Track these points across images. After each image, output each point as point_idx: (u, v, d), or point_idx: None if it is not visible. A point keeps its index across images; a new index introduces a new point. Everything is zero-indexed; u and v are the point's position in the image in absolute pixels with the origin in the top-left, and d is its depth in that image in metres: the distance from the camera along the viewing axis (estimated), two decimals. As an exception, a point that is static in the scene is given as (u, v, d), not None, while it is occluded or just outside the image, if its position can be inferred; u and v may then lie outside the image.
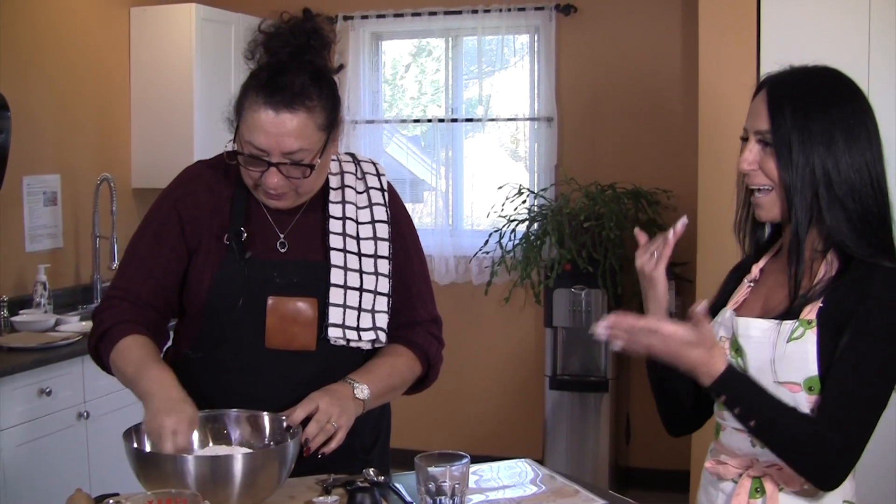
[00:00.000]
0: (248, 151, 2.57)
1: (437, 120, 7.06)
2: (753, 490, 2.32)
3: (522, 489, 2.65)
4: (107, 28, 6.19)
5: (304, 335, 2.69)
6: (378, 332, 2.74)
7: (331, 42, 2.68)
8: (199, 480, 2.22)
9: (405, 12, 6.92)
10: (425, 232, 7.01)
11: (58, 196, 5.75)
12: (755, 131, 2.31)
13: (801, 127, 2.24)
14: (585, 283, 6.18)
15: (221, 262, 2.70)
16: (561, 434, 6.40)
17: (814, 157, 2.23)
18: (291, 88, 2.53)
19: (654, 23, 6.56)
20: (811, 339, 2.22)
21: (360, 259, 2.76)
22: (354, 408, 2.63)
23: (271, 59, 2.58)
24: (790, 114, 2.26)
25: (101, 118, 6.16)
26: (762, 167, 2.30)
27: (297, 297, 2.69)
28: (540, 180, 6.78)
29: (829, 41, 4.89)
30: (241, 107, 2.60)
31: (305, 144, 2.56)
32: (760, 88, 2.37)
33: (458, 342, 6.95)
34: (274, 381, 2.69)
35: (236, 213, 2.73)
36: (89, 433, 4.76)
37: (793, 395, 2.24)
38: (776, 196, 2.31)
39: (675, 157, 6.44)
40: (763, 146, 2.30)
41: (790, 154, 2.25)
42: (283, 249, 2.74)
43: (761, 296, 2.44)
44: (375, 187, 2.89)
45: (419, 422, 7.04)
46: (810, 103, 2.27)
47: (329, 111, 2.62)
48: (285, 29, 2.60)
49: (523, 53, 6.96)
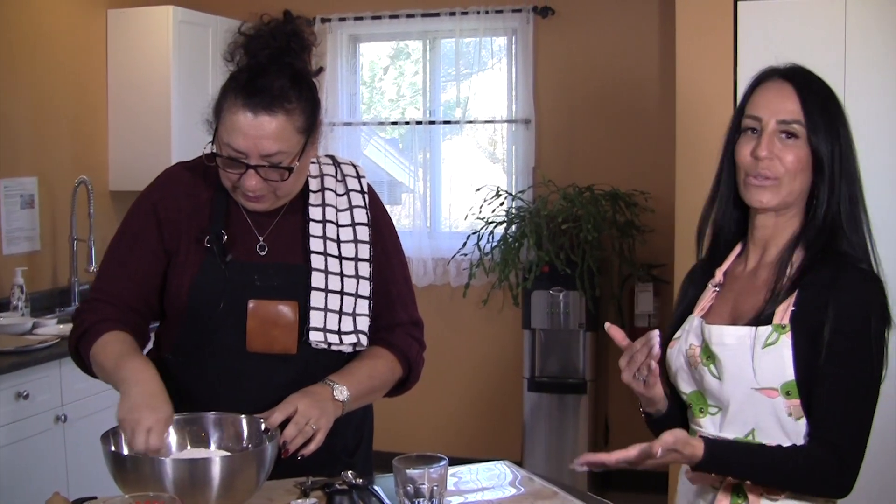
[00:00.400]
0: (226, 153, 2.56)
1: (415, 122, 7.07)
2: (735, 497, 2.33)
3: (501, 491, 2.65)
4: (84, 30, 6.17)
5: (285, 338, 2.68)
6: (359, 336, 2.74)
7: (311, 45, 2.68)
8: (177, 483, 2.21)
9: (383, 14, 6.93)
10: (403, 234, 6.94)
11: (35, 199, 5.73)
12: (780, 120, 2.32)
13: (828, 121, 2.31)
14: (563, 285, 6.20)
15: (201, 265, 2.68)
16: (539, 436, 6.41)
17: (835, 151, 2.31)
18: (270, 91, 2.52)
19: (631, 25, 6.58)
20: (786, 344, 2.23)
21: (340, 262, 2.75)
22: (334, 409, 2.63)
23: (251, 60, 2.57)
24: (821, 106, 2.32)
25: (78, 121, 6.14)
26: (779, 156, 2.32)
27: (278, 301, 2.68)
28: (518, 182, 6.79)
29: (806, 46, 4.91)
30: (219, 108, 2.59)
31: (284, 147, 2.55)
32: (765, 79, 2.40)
33: (437, 344, 6.92)
34: (255, 384, 2.68)
35: (216, 215, 2.72)
36: (67, 436, 4.74)
37: (770, 400, 2.25)
38: (785, 185, 2.33)
39: (652, 159, 6.46)
40: (786, 136, 2.32)
41: (819, 146, 2.30)
42: (263, 252, 2.73)
43: (729, 301, 2.44)
44: (356, 189, 2.88)
45: (397, 424, 7.03)
46: (832, 98, 2.36)
47: (308, 114, 2.61)
48: (265, 31, 2.59)
49: (501, 55, 6.97)
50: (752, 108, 2.38)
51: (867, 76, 4.90)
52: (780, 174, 2.32)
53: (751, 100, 2.40)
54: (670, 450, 2.15)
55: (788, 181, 2.31)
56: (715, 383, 2.33)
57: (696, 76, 5.20)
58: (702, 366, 2.37)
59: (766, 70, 2.42)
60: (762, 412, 2.27)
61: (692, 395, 2.43)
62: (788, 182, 2.31)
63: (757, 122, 2.36)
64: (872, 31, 4.91)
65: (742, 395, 2.29)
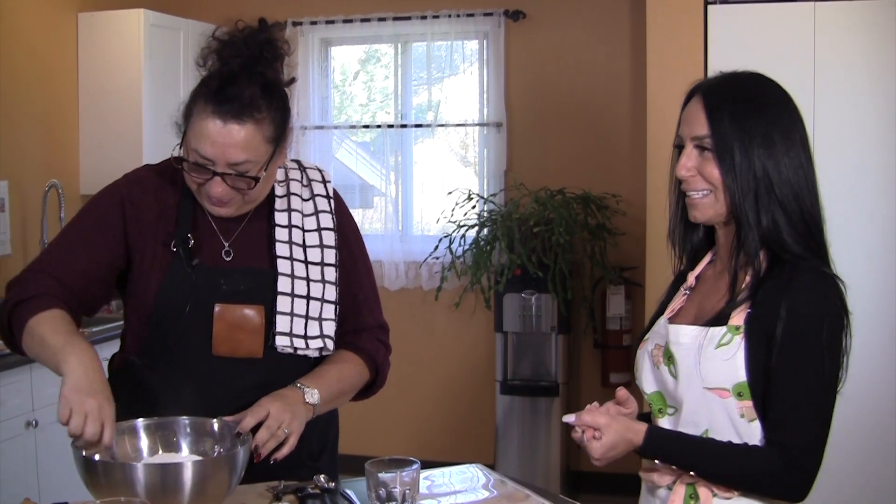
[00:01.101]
0: (193, 159, 2.55)
1: (387, 126, 7.06)
2: (688, 497, 2.33)
3: (474, 494, 2.66)
4: (54, 33, 6.15)
5: (251, 343, 2.68)
6: (325, 340, 2.74)
7: (284, 54, 2.66)
8: (148, 488, 2.20)
9: (354, 18, 6.93)
10: (375, 237, 7.02)
11: (5, 203, 5.70)
12: (692, 137, 2.33)
13: (742, 129, 2.27)
14: (535, 288, 6.20)
15: (168, 269, 2.67)
16: (512, 439, 6.42)
17: (755, 159, 2.25)
18: (241, 99, 2.51)
19: (602, 29, 6.59)
20: (739, 345, 2.24)
21: (306, 267, 2.76)
22: (305, 413, 2.63)
23: (223, 68, 2.55)
24: (728, 118, 2.28)
25: (48, 124, 6.11)
26: (701, 172, 2.32)
27: (244, 305, 2.68)
28: (489, 185, 6.79)
29: (776, 49, 4.95)
30: (189, 113, 2.58)
31: (251, 156, 2.54)
32: (692, 95, 2.39)
33: (409, 348, 6.96)
34: (220, 388, 2.68)
35: (182, 220, 2.71)
36: (38, 442, 4.71)
37: (722, 401, 2.26)
38: (714, 198, 2.32)
39: (623, 162, 6.48)
40: (701, 151, 2.31)
41: (732, 158, 2.26)
42: (229, 258, 2.73)
43: (696, 303, 2.45)
44: (321, 194, 2.88)
45: (370, 427, 7.03)
46: (748, 107, 2.29)
47: (278, 123, 2.60)
48: (239, 38, 2.58)
49: (473, 59, 6.96)
50: (679, 126, 2.40)
51: (836, 79, 4.94)
52: (706, 188, 2.32)
53: (680, 119, 2.41)
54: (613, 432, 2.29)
55: (719, 194, 2.31)
56: (672, 383, 2.35)
57: (667, 79, 5.21)
58: (663, 365, 2.38)
59: (691, 86, 2.42)
60: (715, 413, 2.28)
61: (653, 396, 2.44)
62: (720, 195, 2.31)
63: (679, 140, 2.38)
64: (841, 35, 4.95)
65: (695, 394, 2.29)
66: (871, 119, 4.92)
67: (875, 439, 4.92)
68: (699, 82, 2.41)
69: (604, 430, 2.30)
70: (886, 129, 4.90)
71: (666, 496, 2.39)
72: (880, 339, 4.91)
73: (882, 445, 4.92)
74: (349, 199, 3.02)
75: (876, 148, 4.93)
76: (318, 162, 6.99)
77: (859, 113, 4.93)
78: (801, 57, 4.94)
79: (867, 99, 4.93)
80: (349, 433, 7.19)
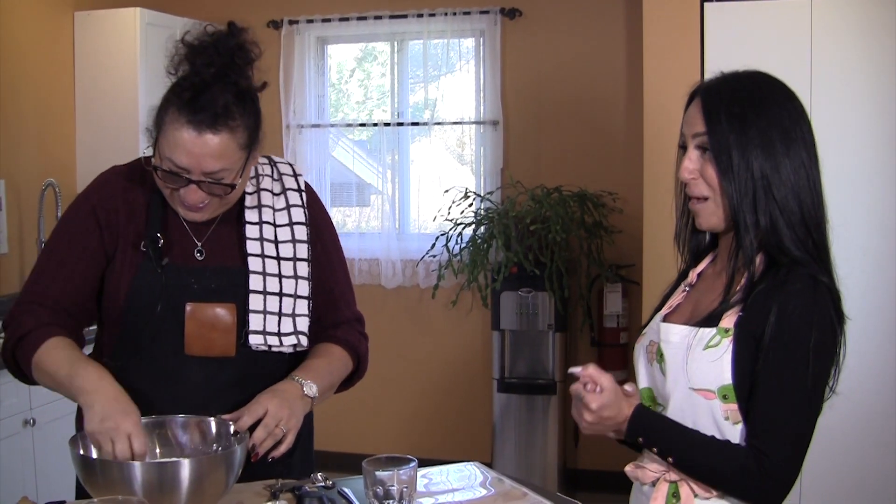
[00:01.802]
0: (167, 167, 2.55)
1: (384, 124, 7.05)
2: (671, 495, 2.33)
3: (471, 492, 2.66)
4: (50, 32, 6.14)
5: (224, 341, 2.68)
6: (299, 336, 2.74)
7: (255, 59, 2.64)
8: (145, 487, 2.21)
9: (351, 16, 6.92)
10: (372, 236, 7.03)
11: (2, 202, 5.70)
12: (693, 135, 2.31)
13: (738, 131, 2.24)
14: (532, 286, 6.20)
15: (138, 269, 2.67)
16: (509, 437, 6.42)
17: (752, 161, 2.23)
18: (214, 108, 2.50)
19: (598, 27, 6.59)
20: (727, 348, 2.22)
21: (278, 263, 2.76)
22: (303, 407, 2.64)
23: (195, 77, 2.53)
24: (726, 118, 2.26)
25: (45, 123, 6.11)
26: (703, 175, 2.30)
27: (216, 304, 2.68)
28: (486, 184, 6.80)
29: (772, 47, 4.95)
30: (161, 121, 2.56)
31: (227, 164, 2.54)
32: (693, 97, 2.37)
33: (406, 346, 6.96)
34: (194, 387, 2.68)
35: (153, 220, 2.71)
36: (35, 440, 4.71)
37: (707, 402, 2.25)
38: (714, 204, 2.31)
39: (620, 160, 6.48)
40: (702, 152, 2.30)
41: (730, 159, 2.24)
42: (201, 257, 2.72)
43: (692, 301, 2.44)
44: (293, 188, 2.88)
45: (367, 426, 7.04)
46: (745, 107, 2.27)
47: (251, 130, 2.60)
48: (209, 43, 2.55)
49: (469, 57, 6.96)
50: (682, 126, 2.39)
51: (833, 77, 4.94)
52: (707, 193, 2.31)
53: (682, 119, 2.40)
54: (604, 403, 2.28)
55: (719, 199, 2.30)
56: (661, 380, 2.35)
57: (664, 77, 5.21)
58: (655, 362, 2.38)
59: (694, 86, 2.40)
60: (700, 413, 2.27)
61: (644, 391, 2.44)
62: (720, 199, 2.30)
63: (682, 140, 2.37)
64: (838, 33, 4.95)
65: (680, 394, 2.29)
66: (869, 116, 4.92)
67: (874, 439, 4.91)
68: (700, 83, 2.39)
69: (605, 388, 2.28)
70: (884, 126, 4.90)
71: (650, 492, 2.39)
72: (878, 339, 4.91)
73: (881, 445, 4.92)
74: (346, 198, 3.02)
75: (873, 146, 4.93)
76: (314, 160, 7.01)
77: (856, 110, 4.92)
78: (797, 54, 4.94)
79: (864, 96, 4.93)
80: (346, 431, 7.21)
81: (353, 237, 7.11)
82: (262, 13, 7.00)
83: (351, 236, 7.13)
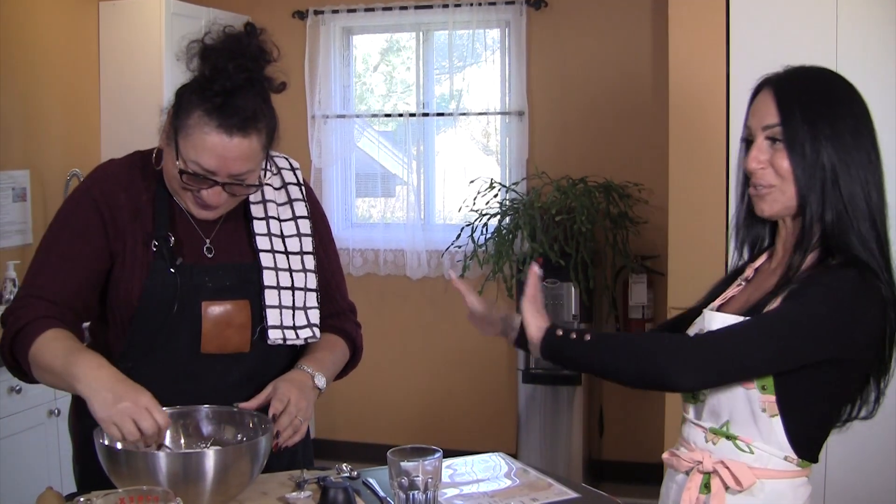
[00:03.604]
0: (191, 169, 2.54)
1: (409, 114, 7.05)
2: (703, 486, 2.33)
3: (496, 483, 2.66)
4: (76, 23, 6.16)
5: (239, 338, 2.69)
6: (313, 329, 2.77)
7: (275, 61, 2.64)
8: (170, 477, 2.21)
9: (376, 7, 6.91)
10: (397, 226, 7.04)
11: (27, 192, 5.72)
12: (764, 127, 2.31)
13: (811, 121, 2.25)
14: (557, 277, 6.19)
15: (150, 269, 2.64)
16: (534, 428, 6.41)
17: (823, 152, 2.24)
18: (245, 112, 2.50)
19: (624, 17, 6.57)
20: None
21: (287, 257, 2.78)
22: (314, 397, 2.69)
23: (226, 82, 2.52)
24: (799, 110, 2.27)
25: (70, 113, 6.13)
26: (772, 164, 2.30)
27: (230, 301, 2.69)
28: (511, 174, 6.79)
29: (798, 38, 4.91)
30: (183, 123, 2.55)
31: (252, 166, 2.56)
32: (760, 88, 2.37)
33: (431, 336, 6.96)
34: (208, 384, 2.68)
35: (160, 217, 2.69)
36: (60, 431, 4.73)
37: (746, 391, 2.25)
38: (780, 192, 2.30)
39: (645, 151, 6.46)
40: (772, 143, 2.30)
41: (803, 148, 2.25)
42: (211, 255, 2.72)
43: (746, 294, 2.44)
44: (293, 182, 2.90)
45: (392, 416, 7.04)
46: (818, 99, 2.29)
47: (271, 130, 2.62)
48: (234, 48, 2.55)
49: (494, 48, 6.94)
50: (748, 119, 2.38)
51: (858, 67, 4.89)
52: (775, 182, 2.30)
53: (749, 112, 2.40)
54: None
55: (787, 187, 2.29)
56: None
57: (689, 67, 5.19)
58: None
59: (760, 80, 2.41)
60: (738, 404, 2.27)
61: None
62: (787, 188, 2.29)
63: (749, 133, 2.37)
64: (864, 22, 4.91)
65: None
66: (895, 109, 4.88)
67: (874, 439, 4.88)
68: (768, 76, 2.39)
69: None
70: (910, 118, 4.86)
71: (683, 481, 2.38)
72: None
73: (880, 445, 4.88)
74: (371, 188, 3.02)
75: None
76: (340, 151, 7.02)
77: (883, 103, 4.88)
78: (823, 45, 4.90)
79: (891, 87, 4.89)
80: (371, 422, 7.23)
81: (378, 228, 7.13)
82: (288, 3, 7.00)
83: (376, 227, 7.14)
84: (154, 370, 2.65)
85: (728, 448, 2.31)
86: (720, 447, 2.31)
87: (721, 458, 2.30)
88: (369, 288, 7.07)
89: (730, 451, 2.30)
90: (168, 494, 2.05)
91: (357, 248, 7.11)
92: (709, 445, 2.34)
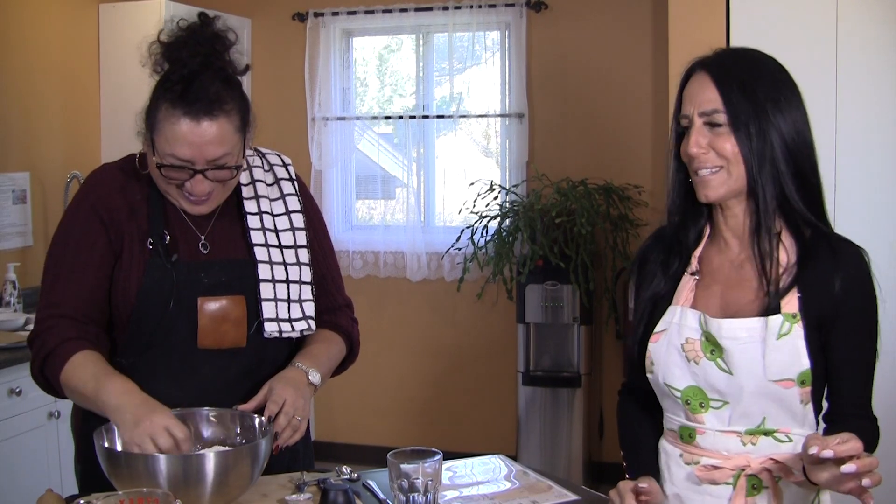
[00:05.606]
0: (169, 162, 2.56)
1: (409, 116, 7.05)
2: (750, 487, 2.32)
3: (496, 485, 2.66)
4: (75, 25, 6.16)
5: (235, 333, 2.70)
6: (308, 321, 2.79)
7: (233, 44, 2.70)
8: (170, 480, 2.21)
9: (376, 9, 6.91)
10: (397, 228, 7.03)
11: (27, 194, 5.72)
12: (701, 112, 2.31)
13: (753, 99, 2.27)
14: (557, 279, 6.19)
15: (146, 267, 2.67)
16: (534, 430, 6.41)
17: (769, 128, 2.26)
18: (207, 96, 2.53)
19: (623, 19, 6.57)
20: (799, 334, 2.24)
21: (282, 251, 2.79)
22: (310, 395, 2.69)
23: (182, 70, 2.57)
24: (738, 88, 2.28)
25: (70, 115, 6.13)
26: (713, 147, 2.30)
27: (226, 296, 2.70)
28: (511, 176, 6.79)
29: (798, 35, 4.91)
30: (153, 119, 2.61)
31: (227, 149, 2.57)
32: (692, 72, 2.39)
33: (431, 338, 6.96)
34: (205, 380, 2.70)
35: (154, 216, 2.72)
36: (60, 433, 4.73)
37: (786, 391, 2.25)
38: (727, 174, 2.31)
39: (645, 153, 6.46)
40: (711, 127, 2.31)
41: (748, 128, 2.27)
42: (206, 251, 2.74)
43: (715, 293, 2.41)
44: (285, 178, 2.92)
45: (392, 418, 7.04)
46: (754, 76, 2.31)
47: (243, 112, 2.63)
48: (187, 37, 2.63)
49: (494, 50, 6.94)
50: (682, 105, 2.39)
51: (858, 67, 4.90)
52: (719, 164, 2.31)
53: (682, 98, 2.40)
54: None
55: (732, 169, 2.30)
56: (723, 377, 2.30)
57: (689, 70, 5.19)
58: (706, 360, 2.33)
59: (689, 64, 2.42)
60: (773, 403, 2.28)
61: (689, 391, 2.37)
62: (733, 170, 2.30)
63: (686, 119, 2.36)
64: (864, 22, 4.91)
65: (755, 387, 2.27)
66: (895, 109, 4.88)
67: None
68: (697, 59, 2.41)
69: None
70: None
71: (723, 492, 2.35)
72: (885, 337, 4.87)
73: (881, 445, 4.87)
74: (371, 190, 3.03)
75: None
76: (340, 153, 7.01)
77: (882, 101, 4.88)
78: (823, 43, 4.90)
79: (891, 85, 4.89)
80: (371, 424, 7.23)
81: (378, 230, 7.13)
82: (288, 5, 7.00)
83: (376, 229, 7.14)
84: (153, 366, 2.68)
85: (767, 444, 2.31)
86: (759, 446, 2.31)
87: (766, 455, 2.31)
88: (369, 290, 7.07)
89: (769, 446, 2.31)
90: (168, 497, 2.04)
91: (357, 250, 7.11)
92: (747, 448, 2.32)
